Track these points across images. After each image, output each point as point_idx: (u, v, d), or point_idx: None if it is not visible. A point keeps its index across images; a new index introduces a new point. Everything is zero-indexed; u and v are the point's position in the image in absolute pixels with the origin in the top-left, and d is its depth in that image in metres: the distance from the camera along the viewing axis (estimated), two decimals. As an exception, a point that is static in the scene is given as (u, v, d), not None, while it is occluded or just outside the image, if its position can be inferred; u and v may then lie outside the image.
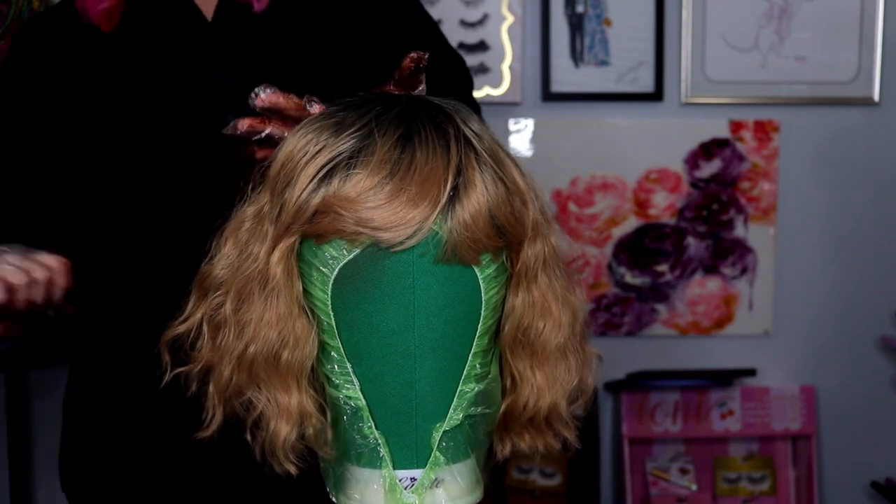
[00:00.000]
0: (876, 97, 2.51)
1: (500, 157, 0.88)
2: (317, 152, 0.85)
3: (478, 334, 0.89)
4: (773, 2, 2.49)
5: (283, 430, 0.89)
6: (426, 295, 0.86)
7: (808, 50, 2.50)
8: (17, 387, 2.36)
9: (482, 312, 0.88)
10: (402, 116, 0.86)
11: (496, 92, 2.45)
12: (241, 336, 0.88)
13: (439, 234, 0.84)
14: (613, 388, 2.56)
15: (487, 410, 0.92)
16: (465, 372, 0.89)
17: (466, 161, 0.84)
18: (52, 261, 1.07)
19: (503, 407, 0.94)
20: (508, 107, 2.48)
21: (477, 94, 2.46)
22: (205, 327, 0.91)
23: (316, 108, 0.96)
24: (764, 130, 2.52)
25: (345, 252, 0.85)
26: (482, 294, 0.88)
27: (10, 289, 1.02)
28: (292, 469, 0.91)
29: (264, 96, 0.99)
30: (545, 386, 0.92)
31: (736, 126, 2.51)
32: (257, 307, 0.88)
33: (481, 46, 2.45)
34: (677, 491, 2.56)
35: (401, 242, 0.83)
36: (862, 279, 2.58)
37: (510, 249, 0.89)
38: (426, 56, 1.00)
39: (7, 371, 2.31)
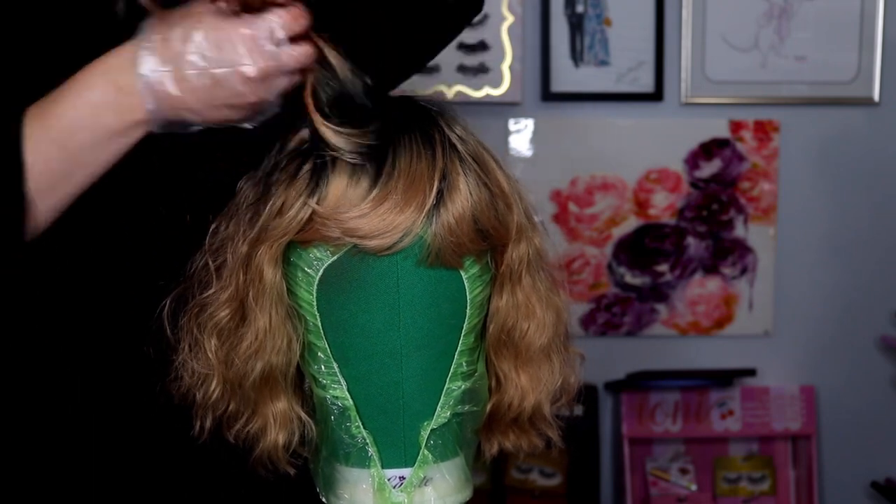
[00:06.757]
0: (876, 97, 2.51)
1: (484, 160, 0.87)
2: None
3: (463, 332, 0.89)
4: (773, 2, 2.49)
5: (281, 438, 0.89)
6: (410, 294, 0.86)
7: (808, 50, 2.49)
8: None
9: (467, 311, 0.88)
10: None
11: (496, 92, 2.46)
12: (241, 347, 0.88)
13: (423, 237, 0.84)
14: (613, 388, 2.56)
15: (475, 408, 0.92)
16: (451, 370, 0.89)
17: (451, 165, 0.84)
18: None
19: (488, 407, 0.95)
20: (508, 107, 2.48)
21: (477, 94, 2.47)
22: (201, 337, 0.90)
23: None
24: (764, 130, 2.51)
25: (329, 254, 0.85)
26: (467, 293, 0.88)
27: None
28: (291, 470, 0.92)
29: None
30: (529, 387, 0.92)
31: (736, 126, 2.51)
32: (252, 317, 0.87)
33: (481, 46, 2.45)
34: (677, 491, 2.56)
35: (387, 248, 0.83)
36: (862, 279, 2.58)
37: (494, 251, 0.89)
38: None
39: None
